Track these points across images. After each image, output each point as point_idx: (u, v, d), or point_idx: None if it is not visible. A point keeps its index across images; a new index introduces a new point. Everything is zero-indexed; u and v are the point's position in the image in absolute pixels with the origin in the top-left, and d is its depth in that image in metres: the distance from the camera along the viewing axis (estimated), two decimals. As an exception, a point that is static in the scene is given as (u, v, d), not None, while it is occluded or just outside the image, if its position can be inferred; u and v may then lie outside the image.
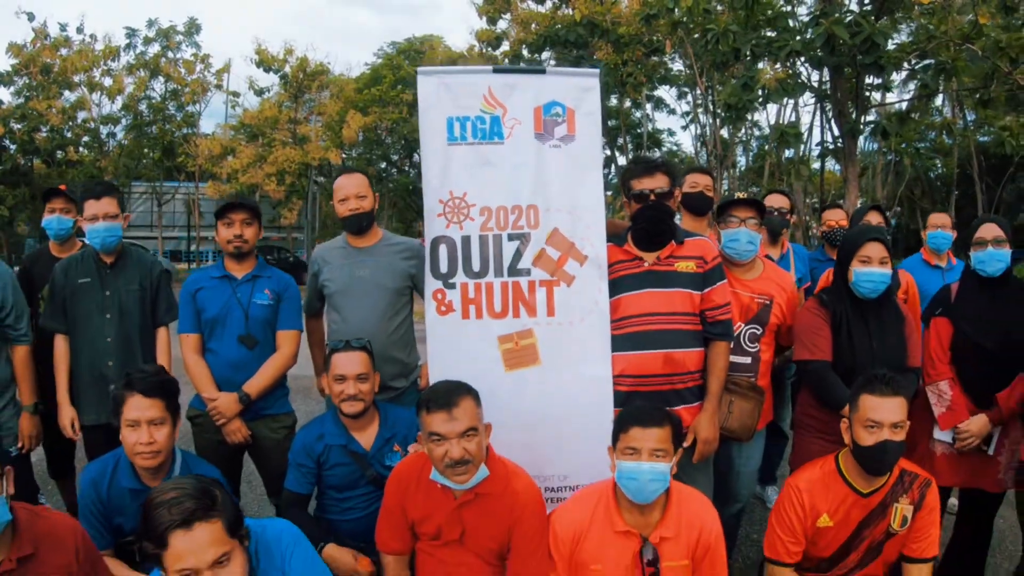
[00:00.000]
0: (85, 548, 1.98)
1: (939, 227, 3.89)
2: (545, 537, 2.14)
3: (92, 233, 2.90)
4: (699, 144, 26.55)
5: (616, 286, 2.61)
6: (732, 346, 2.71)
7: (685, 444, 2.47)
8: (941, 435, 2.81)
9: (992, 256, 2.72)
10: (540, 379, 2.56)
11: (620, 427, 2.08)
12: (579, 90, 2.61)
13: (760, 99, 13.07)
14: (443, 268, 2.62)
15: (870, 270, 2.60)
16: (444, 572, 2.23)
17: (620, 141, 25.40)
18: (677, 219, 2.96)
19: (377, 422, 2.61)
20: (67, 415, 2.90)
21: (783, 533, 2.26)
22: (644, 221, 2.58)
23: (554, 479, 2.48)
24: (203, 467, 2.37)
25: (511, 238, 2.62)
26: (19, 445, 2.90)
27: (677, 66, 22.56)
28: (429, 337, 2.60)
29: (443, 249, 2.62)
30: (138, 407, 2.12)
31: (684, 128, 33.13)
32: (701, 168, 4.24)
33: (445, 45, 28.52)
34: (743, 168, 30.99)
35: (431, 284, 2.63)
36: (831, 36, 11.59)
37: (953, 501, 3.25)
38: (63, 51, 25.75)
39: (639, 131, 26.23)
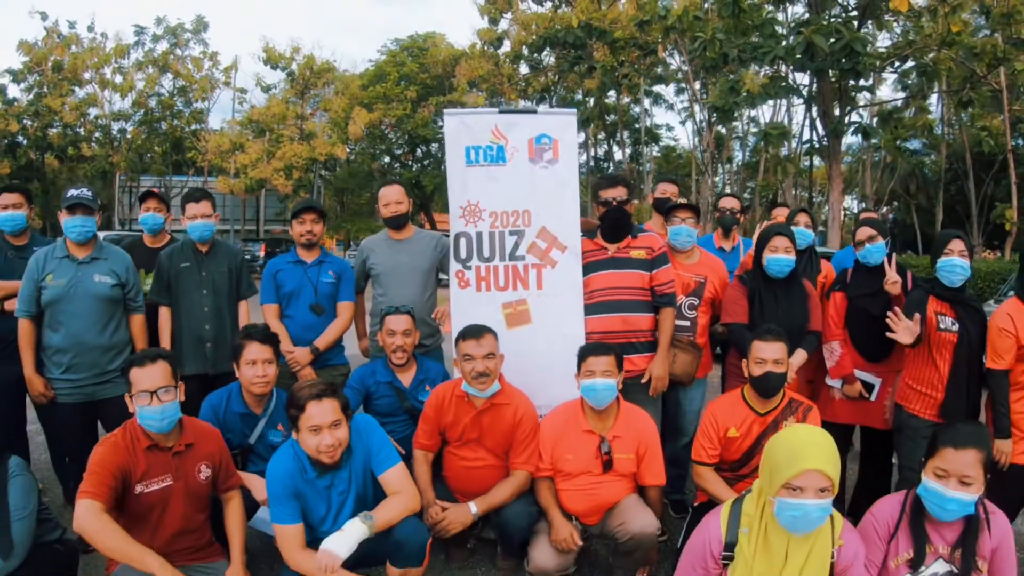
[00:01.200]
0: (221, 446, 2.95)
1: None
2: (536, 437, 3.16)
3: (192, 228, 3.88)
4: (696, 139, 27.45)
5: (588, 268, 3.62)
6: (676, 313, 3.70)
7: (643, 381, 3.49)
8: (832, 383, 3.77)
9: (870, 251, 3.68)
10: (532, 335, 3.59)
11: (581, 358, 3.06)
12: (561, 125, 3.63)
13: (745, 101, 14.01)
14: (463, 255, 3.65)
15: (777, 256, 3.57)
16: (464, 466, 3.24)
17: (618, 136, 26.26)
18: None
19: (415, 368, 3.61)
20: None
21: (704, 441, 3.22)
22: (608, 221, 3.58)
23: (541, 404, 3.45)
24: (281, 407, 3.33)
25: (511, 233, 3.64)
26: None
27: (674, 64, 23.49)
28: (452, 304, 3.62)
29: (463, 241, 3.65)
30: (255, 351, 3.09)
31: (682, 123, 33.85)
32: (669, 178, 5.25)
33: (447, 42, 29.36)
34: (740, 163, 31.93)
35: (454, 266, 3.65)
36: (811, 44, 12.46)
37: (857, 449, 4.21)
38: (73, 48, 26.62)
39: (637, 126, 26.99)
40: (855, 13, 15.58)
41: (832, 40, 13.04)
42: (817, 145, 17.02)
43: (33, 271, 3.43)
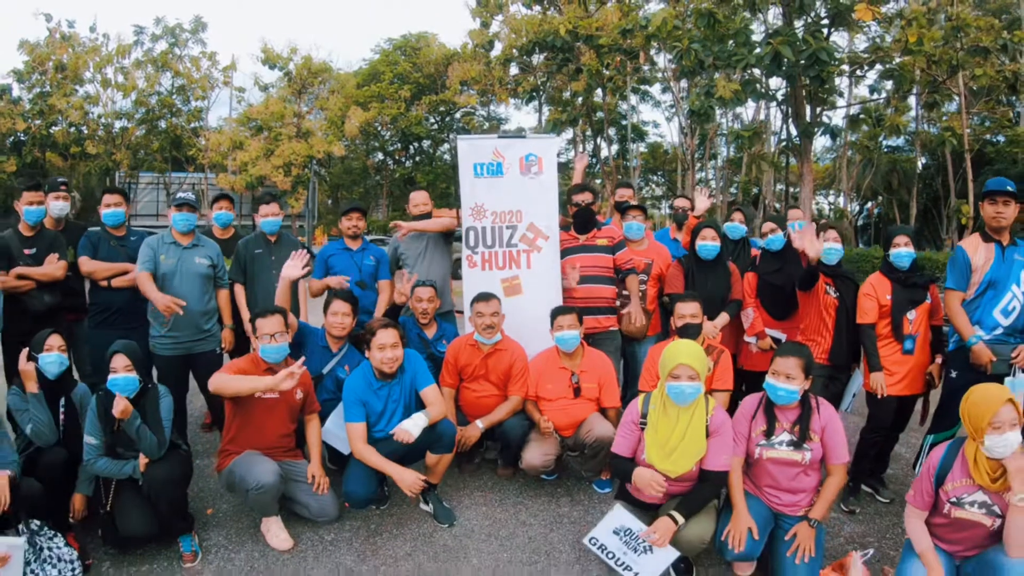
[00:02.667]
0: (310, 381, 4.17)
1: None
2: (526, 373, 4.45)
3: (264, 223, 5.14)
4: (681, 137, 28.70)
5: (564, 252, 4.96)
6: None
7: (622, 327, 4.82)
8: (749, 339, 5.08)
9: (772, 240, 4.96)
10: (523, 302, 4.90)
11: (552, 317, 4.36)
12: (545, 146, 4.96)
13: (720, 105, 15.27)
14: (472, 243, 4.97)
15: (706, 243, 4.87)
16: (475, 396, 4.53)
17: (605, 133, 27.45)
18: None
19: (435, 326, 4.88)
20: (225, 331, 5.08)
21: (645, 373, 4.50)
22: (578, 218, 4.92)
23: (530, 350, 4.70)
24: (352, 351, 4.59)
25: (507, 228, 4.97)
26: (222, 346, 5.09)
27: (661, 63, 24.69)
28: (464, 280, 4.93)
29: (472, 233, 4.96)
30: (339, 306, 4.34)
31: (668, 120, 35.05)
32: (626, 183, 6.55)
33: (440, 42, 30.56)
34: (725, 158, 33.26)
35: (465, 251, 4.96)
36: (778, 53, 13.73)
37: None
38: (73, 47, 27.57)
39: (624, 123, 28.17)
40: (826, 21, 16.89)
41: (802, 50, 14.31)
42: (789, 145, 18.32)
43: (149, 249, 4.58)
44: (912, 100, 24.25)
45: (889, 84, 21.87)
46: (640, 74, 22.42)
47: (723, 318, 4.79)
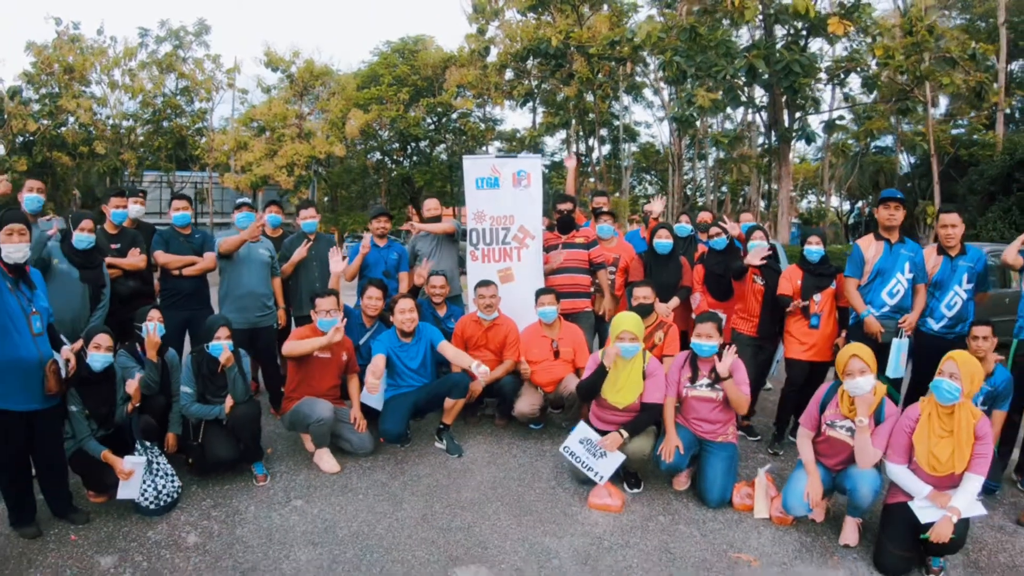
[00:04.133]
0: (352, 347, 5.48)
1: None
2: (517, 342, 5.76)
3: (305, 225, 6.40)
4: (671, 137, 29.95)
5: (548, 248, 6.28)
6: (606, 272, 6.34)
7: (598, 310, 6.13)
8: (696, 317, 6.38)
9: (716, 241, 6.21)
10: (514, 287, 6.23)
11: (536, 297, 5.67)
12: (532, 164, 6.29)
13: (700, 113, 16.54)
14: (474, 241, 6.29)
15: (661, 241, 6.16)
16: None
17: (597, 134, 28.66)
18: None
19: (445, 307, 6.19)
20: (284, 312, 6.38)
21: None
22: (561, 222, 6.23)
23: (520, 323, 6.01)
24: (381, 327, 5.88)
25: (502, 229, 6.30)
26: (278, 323, 6.33)
27: (652, 65, 25.89)
28: (468, 270, 6.24)
29: (475, 233, 6.29)
30: (373, 292, 5.65)
31: (659, 122, 36.26)
32: (602, 192, 7.85)
33: (437, 45, 31.66)
34: (715, 159, 34.59)
35: (468, 247, 6.26)
36: (752, 66, 15.03)
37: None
38: (82, 49, 28.60)
39: (616, 124, 29.34)
40: (804, 32, 18.18)
41: (776, 61, 15.60)
42: (770, 148, 19.65)
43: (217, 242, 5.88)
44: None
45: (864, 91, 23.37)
46: (629, 80, 23.68)
47: (675, 301, 6.09)
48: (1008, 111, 31.23)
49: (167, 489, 4.39)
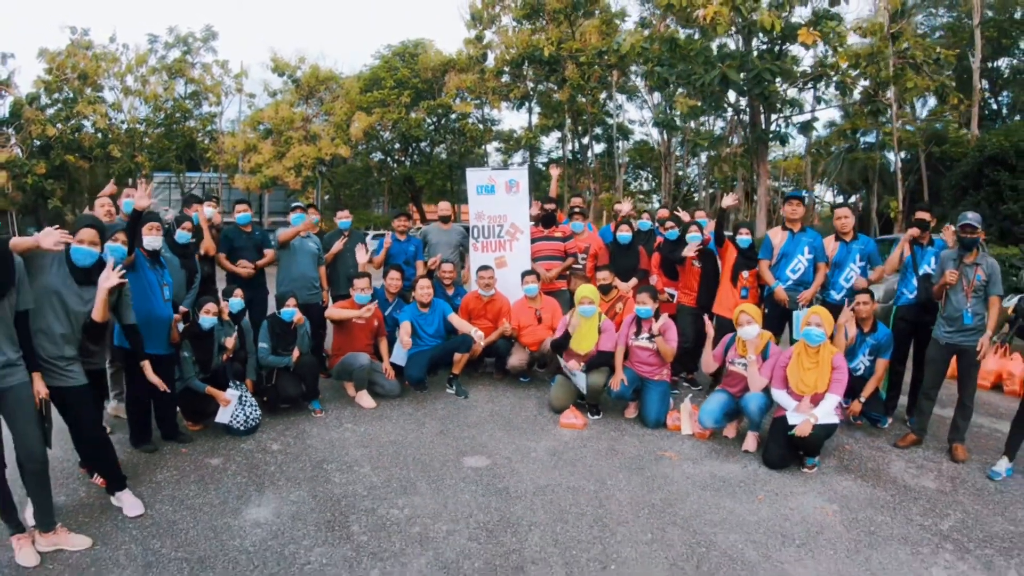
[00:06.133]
0: (381, 316, 7.30)
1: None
2: (510, 314, 7.61)
3: (341, 223, 8.19)
4: (660, 137, 31.66)
5: (533, 240, 8.13)
6: (575, 260, 8.16)
7: (569, 288, 7.96)
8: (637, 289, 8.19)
9: (670, 233, 8.02)
10: (507, 272, 8.06)
11: (522, 277, 7.48)
12: (520, 174, 8.14)
13: (680, 118, 18.29)
14: (476, 236, 8.19)
15: (622, 233, 7.95)
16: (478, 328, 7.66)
17: (591, 133, 30.39)
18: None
19: (454, 288, 8.01)
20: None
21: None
22: (544, 219, 8.09)
23: (511, 298, 7.84)
24: (400, 302, 7.69)
25: (497, 226, 8.18)
26: (323, 302, 8.09)
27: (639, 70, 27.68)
28: (471, 258, 8.10)
29: (476, 229, 8.18)
30: (395, 275, 7.47)
31: (651, 123, 37.88)
32: (577, 193, 9.80)
33: (437, 49, 33.34)
34: (708, 156, 36.36)
35: (471, 241, 8.13)
36: (725, 75, 16.75)
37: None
38: (88, 53, 30.24)
39: (610, 123, 31.07)
40: (779, 40, 19.87)
41: (749, 70, 17.28)
42: (749, 148, 21.42)
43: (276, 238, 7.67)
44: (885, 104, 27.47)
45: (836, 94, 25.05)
46: (620, 83, 25.45)
47: (633, 281, 7.87)
48: (995, 107, 33.15)
49: (252, 416, 6.16)
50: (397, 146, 34.90)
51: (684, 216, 8.00)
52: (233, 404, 6.02)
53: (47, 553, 3.93)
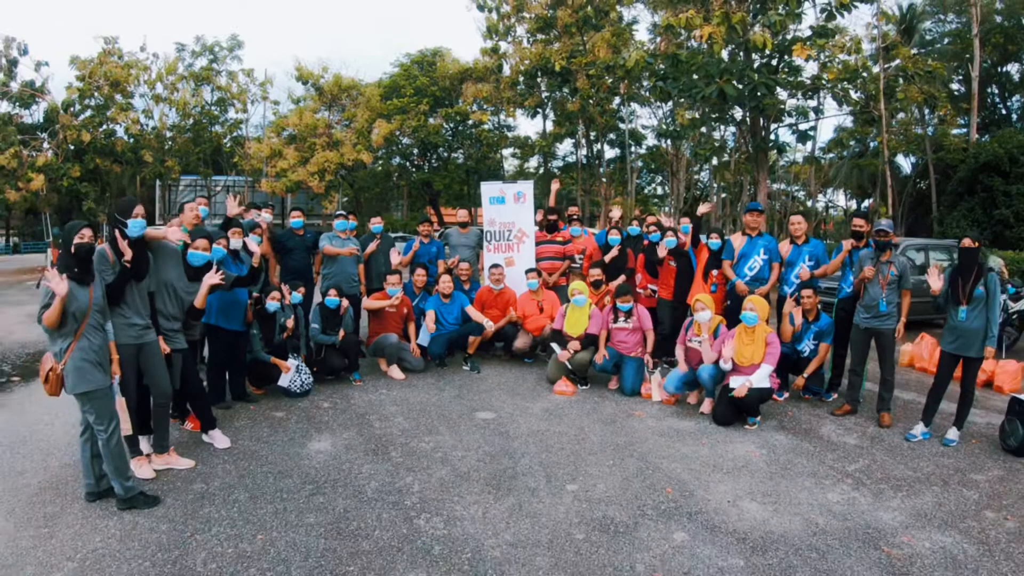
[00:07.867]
0: (411, 304, 8.98)
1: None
2: (516, 304, 9.28)
3: (374, 227, 9.88)
4: (668, 145, 33.06)
5: (538, 244, 9.82)
6: (571, 262, 9.83)
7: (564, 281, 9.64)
8: (639, 290, 9.79)
9: (655, 236, 9.63)
10: (514, 270, 9.75)
11: (526, 273, 9.14)
12: (527, 186, 9.87)
13: (683, 128, 19.76)
14: (488, 239, 9.89)
15: (613, 237, 9.58)
16: (490, 316, 9.31)
17: (602, 140, 31.87)
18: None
19: (469, 283, 9.68)
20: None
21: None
22: (546, 225, 9.77)
23: (518, 291, 9.51)
24: (424, 295, 9.39)
25: (506, 231, 9.90)
26: (361, 293, 9.77)
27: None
28: (484, 258, 9.82)
29: (489, 234, 9.90)
30: (420, 272, 9.16)
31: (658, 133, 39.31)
32: (573, 201, 11.30)
33: (454, 58, 34.92)
34: (718, 163, 37.74)
35: (485, 244, 9.86)
36: (722, 90, 18.26)
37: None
38: (115, 59, 31.87)
39: (622, 129, 32.38)
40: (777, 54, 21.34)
41: (745, 83, 18.77)
42: (750, 156, 22.92)
43: (326, 238, 9.30)
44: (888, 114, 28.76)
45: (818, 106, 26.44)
46: (629, 92, 27.01)
47: (621, 277, 9.47)
48: (1004, 112, 34.35)
49: (307, 382, 7.82)
50: (416, 152, 36.58)
51: (666, 222, 9.60)
52: (292, 371, 7.65)
53: (160, 470, 5.51)
